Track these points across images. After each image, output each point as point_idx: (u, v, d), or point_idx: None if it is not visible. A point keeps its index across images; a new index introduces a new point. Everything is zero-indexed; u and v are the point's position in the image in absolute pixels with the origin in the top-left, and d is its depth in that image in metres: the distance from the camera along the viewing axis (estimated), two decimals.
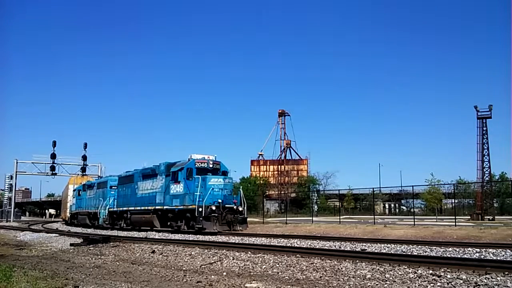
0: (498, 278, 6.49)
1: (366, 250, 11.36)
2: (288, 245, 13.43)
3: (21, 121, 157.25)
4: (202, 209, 19.37)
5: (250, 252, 10.81)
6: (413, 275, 7.14)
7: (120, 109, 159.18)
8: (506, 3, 78.16)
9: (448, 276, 6.88)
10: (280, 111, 78.40)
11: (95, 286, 7.31)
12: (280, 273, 8.25)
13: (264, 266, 8.97)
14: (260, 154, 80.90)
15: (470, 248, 10.82)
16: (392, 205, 65.01)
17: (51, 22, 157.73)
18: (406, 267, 7.68)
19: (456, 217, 26.05)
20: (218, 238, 17.48)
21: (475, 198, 43.08)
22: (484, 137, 39.11)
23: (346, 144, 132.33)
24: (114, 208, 28.60)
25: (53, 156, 54.04)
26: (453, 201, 42.06)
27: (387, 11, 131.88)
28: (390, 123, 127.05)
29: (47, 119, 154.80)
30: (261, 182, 70.73)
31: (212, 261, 10.07)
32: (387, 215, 56.41)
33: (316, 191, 61.93)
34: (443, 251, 10.70)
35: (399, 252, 10.69)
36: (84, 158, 55.65)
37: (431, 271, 7.24)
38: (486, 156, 39.24)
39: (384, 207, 63.41)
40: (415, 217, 29.10)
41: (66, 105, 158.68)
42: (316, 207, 51.42)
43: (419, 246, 11.83)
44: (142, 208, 24.44)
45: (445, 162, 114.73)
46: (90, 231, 27.17)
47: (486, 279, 6.52)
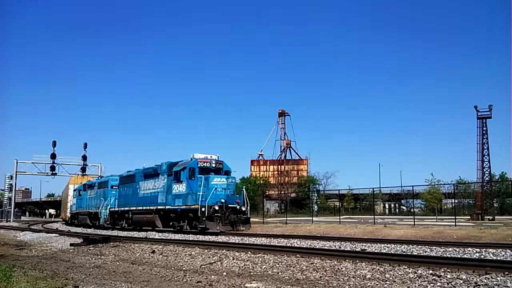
0: (498, 278, 6.49)
1: (366, 250, 11.36)
2: (288, 245, 13.43)
3: (21, 121, 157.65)
4: (205, 209, 19.23)
5: (250, 252, 10.81)
6: (413, 275, 7.14)
7: (120, 109, 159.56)
8: (506, 3, 78.20)
9: (448, 276, 6.88)
10: (280, 111, 78.42)
11: (95, 286, 7.31)
12: (280, 273, 8.25)
13: (264, 266, 8.97)
14: (260, 154, 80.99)
15: (470, 248, 10.82)
16: (392, 205, 65.00)
17: (51, 22, 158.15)
18: (406, 267, 7.68)
19: (456, 217, 26.03)
20: (218, 238, 17.47)
21: (475, 198, 43.06)
22: (484, 137, 39.10)
23: (346, 144, 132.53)
24: (116, 208, 28.46)
25: (53, 156, 54.10)
26: (453, 201, 42.05)
27: (387, 11, 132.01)
28: (390, 123, 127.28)
29: (47, 119, 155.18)
30: (261, 182, 70.73)
31: (212, 261, 10.07)
32: (387, 215, 56.40)
33: (316, 191, 61.92)
34: (443, 251, 10.69)
35: (399, 252, 10.69)
36: (84, 158, 55.72)
37: (431, 271, 7.24)
38: (486, 156, 39.24)
39: (384, 207, 63.39)
40: (415, 217, 29.08)
41: (66, 105, 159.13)
42: (316, 207, 51.42)
43: (419, 246, 11.83)
44: (144, 208, 24.31)
45: (445, 162, 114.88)
46: (90, 231, 27.15)
47: (486, 279, 6.52)
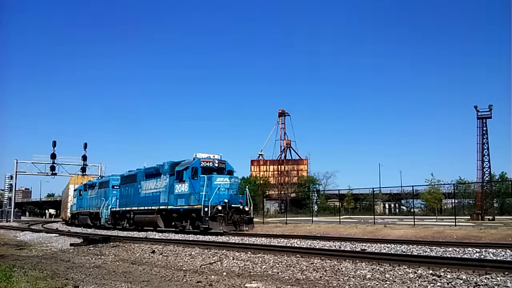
0: (498, 278, 6.49)
1: (366, 250, 11.35)
2: (288, 245, 13.42)
3: (21, 121, 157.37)
4: (208, 209, 19.03)
5: (250, 252, 10.80)
6: (413, 275, 7.14)
7: (120, 109, 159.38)
8: (506, 3, 78.21)
9: (448, 276, 6.88)
10: (280, 111, 78.44)
11: (95, 286, 7.31)
12: (280, 273, 8.25)
13: (264, 266, 8.96)
14: (260, 154, 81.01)
15: (470, 248, 10.81)
16: (392, 205, 65.03)
17: (51, 22, 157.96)
18: (406, 267, 7.68)
19: (456, 217, 26.06)
20: (218, 238, 17.46)
21: (475, 198, 43.08)
22: (484, 137, 39.14)
23: (346, 144, 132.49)
24: (117, 208, 28.31)
25: (53, 156, 54.14)
26: (453, 201, 42.07)
27: (387, 11, 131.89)
28: (390, 123, 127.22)
29: (47, 119, 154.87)
30: (261, 182, 70.75)
31: (212, 261, 10.07)
32: (387, 215, 56.42)
33: (316, 191, 61.96)
34: (443, 251, 10.69)
35: (399, 252, 10.68)
36: (84, 158, 55.77)
37: (431, 271, 7.24)
38: (486, 156, 39.28)
39: (384, 207, 63.41)
40: (415, 217, 29.10)
41: (66, 105, 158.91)
42: (316, 207, 51.45)
43: (419, 246, 11.82)
44: (146, 208, 24.13)
45: (445, 162, 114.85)
46: (90, 231, 27.14)
47: (486, 279, 6.52)
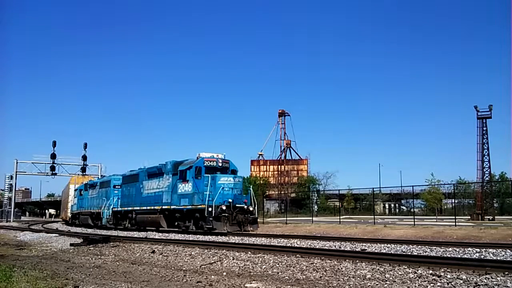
0: (498, 278, 6.49)
1: (366, 250, 11.35)
2: (288, 245, 13.42)
3: (21, 121, 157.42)
4: (212, 209, 18.81)
5: (250, 252, 10.81)
6: (413, 275, 7.14)
7: (120, 109, 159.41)
8: (506, 3, 78.21)
9: (448, 276, 6.88)
10: (280, 111, 78.40)
11: (95, 286, 7.32)
12: (280, 273, 8.25)
13: (264, 266, 8.96)
14: (260, 154, 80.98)
15: (470, 248, 10.81)
16: (392, 205, 65.02)
17: (51, 22, 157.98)
18: (406, 267, 7.68)
19: (456, 217, 26.04)
20: (218, 238, 17.46)
21: (475, 198, 43.05)
22: (484, 137, 39.10)
23: (346, 144, 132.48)
24: (118, 208, 28.08)
25: (53, 156, 54.14)
26: (453, 201, 42.06)
27: (387, 11, 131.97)
28: (390, 123, 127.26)
29: (47, 119, 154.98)
30: (261, 182, 70.74)
31: (212, 261, 10.07)
32: (387, 215, 56.41)
33: (316, 191, 61.95)
34: (443, 251, 10.69)
35: (399, 252, 10.68)
36: (84, 158, 55.77)
37: (431, 271, 7.24)
38: (486, 156, 39.24)
39: (384, 207, 63.40)
40: (415, 217, 29.07)
41: (66, 105, 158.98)
42: (316, 207, 51.43)
43: (419, 246, 11.82)
44: (148, 208, 23.91)
45: (445, 162, 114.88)
46: (90, 231, 27.11)
47: (486, 279, 6.52)
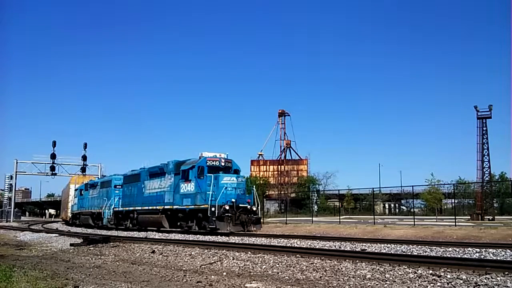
0: (498, 278, 6.49)
1: (366, 250, 11.35)
2: (288, 245, 13.42)
3: (21, 121, 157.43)
4: (215, 208, 18.64)
5: (250, 252, 10.81)
6: (413, 275, 7.14)
7: (120, 109, 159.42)
8: (506, 3, 78.22)
9: (448, 276, 6.88)
10: (280, 111, 78.38)
11: (95, 286, 7.32)
12: (280, 273, 8.25)
13: (264, 266, 8.96)
14: (260, 154, 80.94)
15: (470, 248, 10.81)
16: (392, 205, 65.01)
17: (51, 22, 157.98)
18: (406, 267, 7.68)
19: (456, 217, 26.05)
20: (218, 238, 17.46)
21: (475, 198, 43.06)
22: (484, 137, 39.11)
23: (346, 144, 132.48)
24: (120, 208, 27.88)
25: (53, 156, 54.11)
26: (453, 201, 42.07)
27: (387, 11, 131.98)
28: (390, 123, 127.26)
29: (47, 119, 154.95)
30: (261, 182, 70.72)
31: (212, 261, 10.07)
32: (387, 215, 56.40)
33: (316, 191, 61.94)
34: (443, 251, 10.69)
35: (399, 252, 10.68)
36: (84, 158, 55.74)
37: (431, 271, 7.24)
38: (486, 156, 39.25)
39: (384, 207, 63.40)
40: (415, 217, 29.08)
41: (66, 105, 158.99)
42: (316, 207, 51.41)
43: (419, 246, 11.82)
44: (150, 208, 23.73)
45: (445, 162, 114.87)
46: (90, 231, 27.09)
47: (486, 279, 6.52)
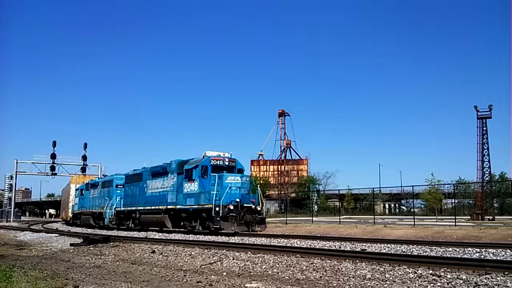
0: (498, 278, 6.50)
1: (366, 250, 11.36)
2: (288, 245, 13.42)
3: (21, 121, 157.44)
4: (220, 208, 18.44)
5: (250, 252, 10.81)
6: (413, 275, 7.14)
7: (120, 109, 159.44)
8: (506, 3, 78.22)
9: (448, 276, 6.88)
10: (280, 111, 78.35)
11: (95, 286, 7.32)
12: (280, 273, 8.25)
13: (264, 266, 8.97)
14: (260, 154, 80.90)
15: (470, 248, 10.81)
16: (392, 205, 65.01)
17: (51, 22, 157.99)
18: (406, 267, 7.68)
19: (456, 217, 26.05)
20: (218, 238, 17.46)
21: (475, 198, 43.06)
22: (484, 137, 39.11)
23: (346, 144, 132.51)
24: (121, 208, 27.70)
25: (53, 156, 54.08)
26: (453, 201, 42.10)
27: (387, 11, 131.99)
28: (390, 123, 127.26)
29: (47, 119, 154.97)
30: (261, 182, 70.71)
31: (212, 261, 10.08)
32: (387, 215, 56.40)
33: (316, 191, 61.93)
34: (443, 251, 10.69)
35: (399, 252, 10.69)
36: (84, 158, 55.68)
37: (431, 271, 7.24)
38: (486, 156, 39.25)
39: (384, 207, 63.39)
40: (415, 217, 29.08)
41: (66, 105, 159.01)
42: (316, 207, 51.42)
43: (419, 246, 11.82)
44: (153, 207, 23.46)
45: (445, 162, 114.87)
46: (90, 231, 27.08)
47: (486, 279, 6.52)
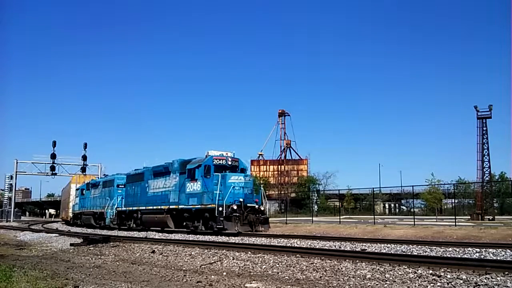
0: (498, 278, 6.49)
1: (366, 250, 11.35)
2: (288, 245, 13.41)
3: (21, 121, 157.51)
4: (223, 208, 18.32)
5: (250, 252, 10.81)
6: (413, 275, 7.14)
7: (120, 109, 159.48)
8: (506, 3, 78.22)
9: (448, 276, 6.88)
10: (280, 111, 78.39)
11: (95, 286, 7.32)
12: (280, 273, 8.25)
13: (264, 266, 8.96)
14: (260, 154, 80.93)
15: (470, 248, 10.80)
16: (392, 205, 65.02)
17: (51, 22, 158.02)
18: (406, 267, 7.68)
19: (456, 217, 26.05)
20: (218, 238, 17.46)
21: (475, 198, 43.07)
22: (484, 137, 39.12)
23: (346, 144, 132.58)
24: (123, 208, 27.57)
25: (53, 156, 54.08)
26: (453, 201, 42.11)
27: (387, 11, 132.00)
28: (390, 123, 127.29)
29: (47, 119, 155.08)
30: (261, 182, 70.71)
31: (212, 261, 10.07)
32: (387, 215, 56.38)
33: (316, 191, 61.93)
34: (443, 251, 10.68)
35: (399, 252, 10.68)
36: (84, 158, 55.69)
37: (431, 271, 7.24)
38: (486, 156, 39.26)
39: (384, 207, 63.38)
40: (415, 217, 29.07)
41: (66, 105, 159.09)
42: (316, 207, 51.42)
43: (419, 246, 11.81)
44: (155, 207, 23.37)
45: (445, 162, 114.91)
46: (90, 231, 27.06)
47: (486, 279, 6.52)
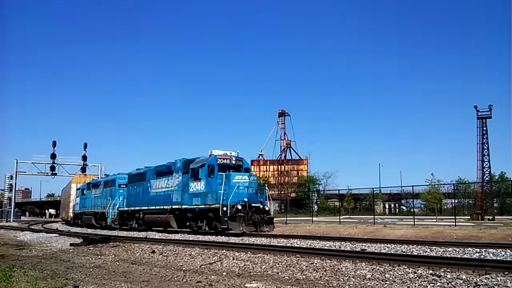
0: (498, 278, 6.49)
1: (366, 250, 11.36)
2: (288, 245, 13.42)
3: (21, 121, 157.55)
4: (227, 208, 18.09)
5: (250, 252, 10.81)
6: (413, 275, 7.14)
7: (120, 109, 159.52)
8: (506, 3, 78.23)
9: (448, 276, 6.88)
10: (280, 111, 78.43)
11: (95, 286, 7.31)
12: (280, 273, 8.25)
13: (264, 266, 8.96)
14: (260, 154, 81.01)
15: (470, 248, 10.80)
16: (392, 205, 65.03)
17: (51, 22, 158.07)
18: (406, 267, 7.68)
19: (456, 217, 26.05)
20: (218, 238, 17.46)
21: (475, 198, 43.09)
22: (484, 137, 39.14)
23: (346, 144, 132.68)
24: (124, 208, 27.46)
25: (53, 156, 54.10)
26: (453, 201, 42.14)
27: (387, 10, 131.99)
28: (390, 123, 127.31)
29: (47, 119, 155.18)
30: (261, 182, 70.69)
31: (212, 261, 10.07)
32: (387, 215, 56.41)
33: (316, 191, 61.96)
34: (443, 251, 10.69)
35: (399, 252, 10.68)
36: (84, 158, 55.70)
37: (431, 271, 7.24)
38: (486, 156, 39.28)
39: (384, 207, 63.42)
40: (415, 217, 29.08)
41: (66, 105, 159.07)
42: (316, 207, 51.42)
43: (419, 246, 11.81)
44: (157, 207, 23.18)
45: (445, 162, 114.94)
46: (90, 231, 27.06)
47: (486, 279, 6.52)
